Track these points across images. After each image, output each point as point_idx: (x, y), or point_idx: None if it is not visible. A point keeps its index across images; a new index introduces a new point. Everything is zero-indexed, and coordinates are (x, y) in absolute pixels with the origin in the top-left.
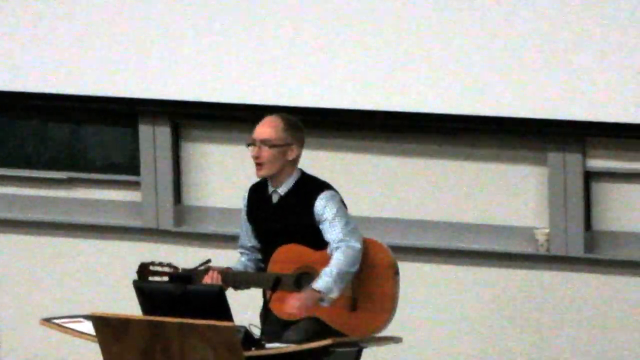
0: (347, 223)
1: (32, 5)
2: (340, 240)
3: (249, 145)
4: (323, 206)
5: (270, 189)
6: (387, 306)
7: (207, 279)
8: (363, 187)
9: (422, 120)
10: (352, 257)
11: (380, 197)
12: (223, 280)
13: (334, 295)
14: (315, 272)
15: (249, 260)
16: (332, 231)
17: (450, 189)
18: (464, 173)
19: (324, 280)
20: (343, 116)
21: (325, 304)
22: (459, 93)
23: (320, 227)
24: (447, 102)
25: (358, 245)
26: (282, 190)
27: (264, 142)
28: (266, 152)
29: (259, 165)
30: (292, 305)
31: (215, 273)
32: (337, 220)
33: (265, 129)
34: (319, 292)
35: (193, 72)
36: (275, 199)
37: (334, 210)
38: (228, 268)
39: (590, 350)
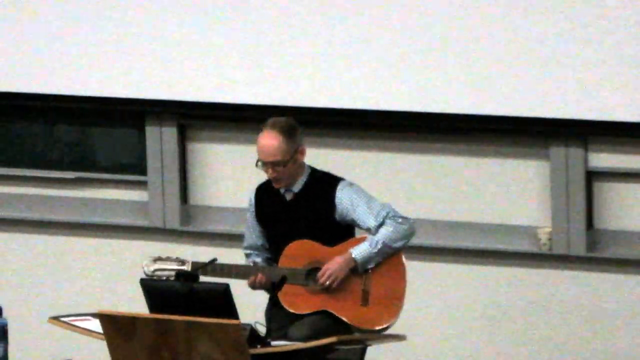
0: (383, 203)
1: (40, 7)
2: (387, 216)
3: (257, 164)
4: (348, 196)
5: (282, 189)
6: (399, 302)
7: (254, 281)
8: (363, 186)
9: (425, 119)
10: (403, 231)
11: (382, 195)
12: (267, 277)
13: (370, 266)
14: None
15: (262, 261)
16: (371, 213)
17: (452, 187)
18: (466, 172)
19: (365, 250)
20: (345, 115)
21: (359, 270)
22: (460, 92)
23: (354, 216)
24: (448, 100)
25: (408, 222)
26: (297, 187)
27: (275, 164)
28: (282, 170)
29: (277, 180)
30: (326, 275)
31: (263, 277)
32: (372, 201)
33: (271, 150)
34: (354, 261)
35: (199, 72)
36: (289, 197)
37: (363, 195)
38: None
39: (593, 349)
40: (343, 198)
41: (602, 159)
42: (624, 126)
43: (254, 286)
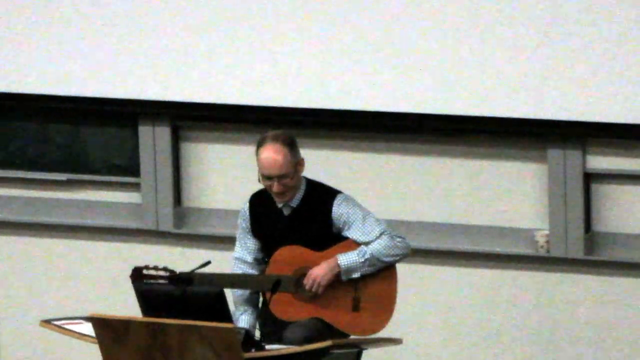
0: (377, 219)
1: (32, 8)
2: (383, 233)
3: (259, 180)
4: (346, 211)
5: (280, 203)
6: (390, 307)
7: None
8: (361, 188)
9: (422, 121)
10: (395, 248)
11: (379, 198)
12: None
13: (355, 276)
14: None
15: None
16: (366, 229)
17: (450, 190)
18: (463, 174)
19: (352, 258)
20: (340, 117)
21: (342, 278)
22: (458, 93)
23: (347, 231)
24: (446, 102)
25: (405, 242)
26: (294, 202)
27: (282, 177)
28: (287, 183)
29: (282, 194)
30: (310, 281)
31: None
32: (368, 218)
33: (277, 163)
34: (339, 267)
35: (193, 73)
36: (286, 211)
37: (359, 210)
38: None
39: (590, 352)
40: (340, 214)
41: (600, 161)
42: (622, 128)
43: None
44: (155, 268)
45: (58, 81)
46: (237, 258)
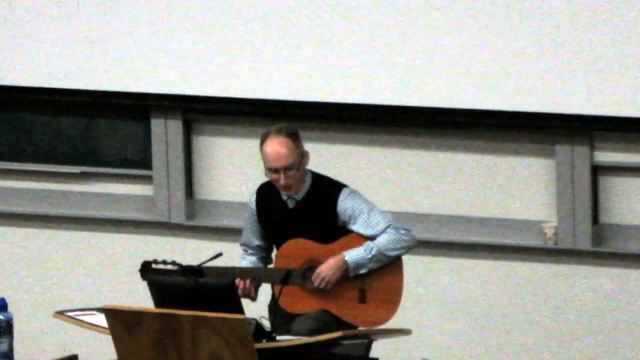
0: (383, 213)
1: (44, 1)
2: (389, 226)
3: (267, 172)
4: (351, 205)
5: (285, 196)
6: (396, 299)
7: (243, 288)
8: (372, 182)
9: (431, 115)
10: (401, 241)
11: (389, 191)
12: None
13: (362, 271)
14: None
15: (257, 259)
16: (372, 222)
17: (458, 183)
18: (471, 167)
19: (359, 255)
20: (352, 111)
21: (350, 274)
22: (466, 87)
23: (353, 225)
24: (455, 96)
25: (410, 234)
26: (299, 195)
27: (288, 168)
28: (293, 175)
29: (289, 186)
30: (319, 279)
31: (247, 282)
32: (373, 212)
33: (283, 154)
34: (346, 264)
35: (205, 67)
36: (291, 204)
37: (364, 204)
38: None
39: (598, 343)
40: (345, 208)
41: (608, 154)
42: (630, 121)
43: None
44: (164, 262)
45: (70, 74)
46: (243, 244)
